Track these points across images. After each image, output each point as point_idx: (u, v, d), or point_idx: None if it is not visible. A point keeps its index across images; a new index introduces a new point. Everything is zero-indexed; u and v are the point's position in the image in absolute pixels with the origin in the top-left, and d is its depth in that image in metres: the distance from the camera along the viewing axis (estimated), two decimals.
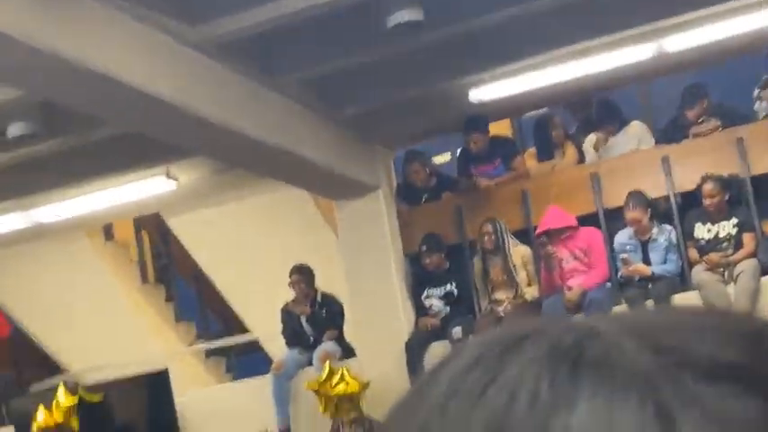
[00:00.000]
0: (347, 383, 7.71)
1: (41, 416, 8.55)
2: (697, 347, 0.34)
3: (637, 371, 0.33)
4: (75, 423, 8.59)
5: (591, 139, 8.47)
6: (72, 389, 8.86)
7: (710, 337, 0.35)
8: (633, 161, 8.15)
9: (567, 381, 0.34)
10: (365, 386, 7.81)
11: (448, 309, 8.08)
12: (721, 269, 7.56)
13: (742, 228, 7.64)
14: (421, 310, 8.22)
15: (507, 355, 0.35)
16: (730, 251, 7.61)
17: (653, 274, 7.66)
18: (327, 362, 7.81)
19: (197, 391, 9.20)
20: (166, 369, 8.98)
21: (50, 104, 6.78)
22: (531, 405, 0.33)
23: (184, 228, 10.12)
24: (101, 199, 8.71)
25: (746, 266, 7.45)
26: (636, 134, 8.41)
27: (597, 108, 8.63)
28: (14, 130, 7.12)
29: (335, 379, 7.70)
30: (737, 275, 7.45)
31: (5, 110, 6.94)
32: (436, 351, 7.88)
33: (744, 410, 0.31)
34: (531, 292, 7.97)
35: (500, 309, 7.88)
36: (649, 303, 7.41)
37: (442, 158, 9.45)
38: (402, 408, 0.37)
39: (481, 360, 0.36)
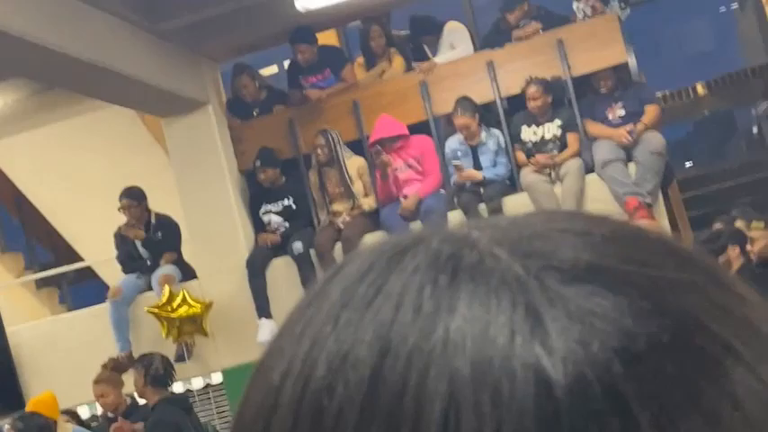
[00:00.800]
0: (189, 305, 7.60)
1: None
2: (560, 252, 0.38)
3: (508, 276, 0.37)
4: None
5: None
6: None
7: (572, 241, 0.38)
8: (459, 67, 8.23)
9: (446, 289, 0.37)
10: (208, 307, 7.72)
11: (287, 224, 8.02)
12: (548, 170, 7.79)
13: (566, 128, 7.85)
14: (260, 226, 8.12)
15: (392, 266, 0.38)
16: (556, 152, 7.84)
17: (484, 178, 7.81)
18: (167, 285, 7.65)
19: (30, 324, 8.83)
20: None
21: None
22: (416, 313, 0.36)
23: (2, 153, 9.57)
24: None
25: (571, 166, 7.69)
26: (449, 34, 8.45)
27: (411, 24, 8.68)
28: None
29: (177, 301, 7.57)
30: (564, 175, 7.70)
31: None
32: (278, 267, 7.85)
33: (600, 306, 0.36)
34: (368, 203, 7.99)
35: (339, 220, 7.85)
36: (482, 207, 7.60)
37: (269, 71, 9.26)
38: (295, 318, 0.39)
39: (369, 271, 0.38)
